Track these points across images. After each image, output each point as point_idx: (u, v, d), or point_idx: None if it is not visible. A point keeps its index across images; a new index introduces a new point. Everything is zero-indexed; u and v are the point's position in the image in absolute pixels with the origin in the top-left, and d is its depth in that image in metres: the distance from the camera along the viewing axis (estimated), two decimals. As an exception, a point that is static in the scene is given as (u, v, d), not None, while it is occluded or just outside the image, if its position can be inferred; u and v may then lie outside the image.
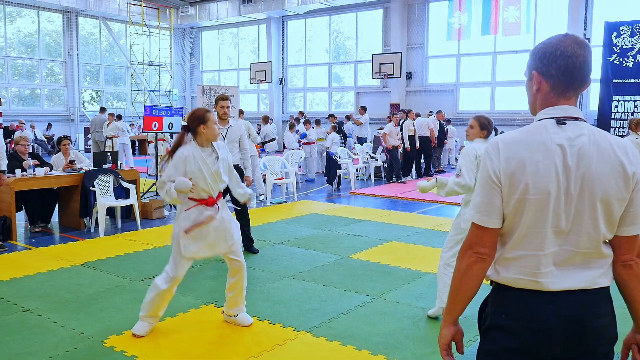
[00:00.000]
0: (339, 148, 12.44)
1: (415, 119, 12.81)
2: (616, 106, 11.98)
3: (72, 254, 5.91)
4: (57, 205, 7.46)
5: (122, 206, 7.35)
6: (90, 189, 6.97)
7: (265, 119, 12.92)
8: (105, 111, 15.39)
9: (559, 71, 1.55)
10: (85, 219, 7.27)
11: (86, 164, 7.58)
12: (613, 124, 11.91)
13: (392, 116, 13.29)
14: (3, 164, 5.87)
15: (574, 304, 1.54)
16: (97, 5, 21.08)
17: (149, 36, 21.64)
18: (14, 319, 4.05)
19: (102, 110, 15.47)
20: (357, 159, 12.98)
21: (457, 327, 1.68)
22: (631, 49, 11.78)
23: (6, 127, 17.22)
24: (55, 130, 20.28)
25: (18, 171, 6.63)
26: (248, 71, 22.96)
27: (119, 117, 14.97)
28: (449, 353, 1.67)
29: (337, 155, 11.46)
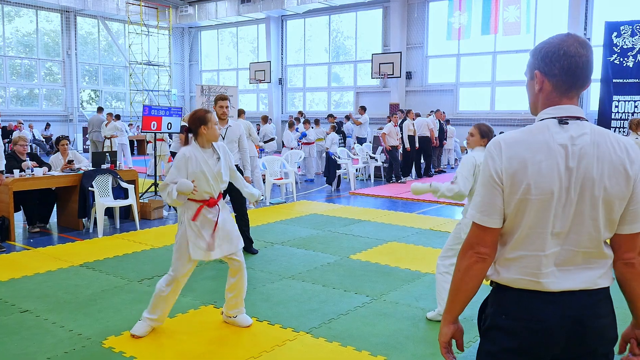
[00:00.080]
0: (339, 148, 12.42)
1: (415, 119, 12.80)
2: (616, 106, 11.96)
3: (70, 254, 5.89)
4: (55, 206, 7.44)
5: (120, 206, 7.33)
6: (89, 189, 6.95)
7: (264, 119, 12.93)
8: (102, 111, 15.34)
9: (562, 71, 1.55)
10: (84, 220, 7.25)
11: (85, 164, 7.56)
12: (613, 124, 11.90)
13: (391, 116, 13.28)
14: (1, 164, 5.85)
15: (576, 304, 1.54)
16: (95, 5, 21.05)
17: (148, 36, 21.61)
18: (12, 319, 4.04)
19: (99, 110, 15.42)
20: (357, 159, 12.96)
21: (457, 325, 1.69)
22: (631, 49, 11.76)
23: (4, 127, 17.20)
24: (54, 130, 20.27)
25: (16, 171, 6.61)
26: (247, 71, 22.95)
27: (118, 117, 14.92)
28: (449, 350, 1.68)
29: (336, 156, 11.44)
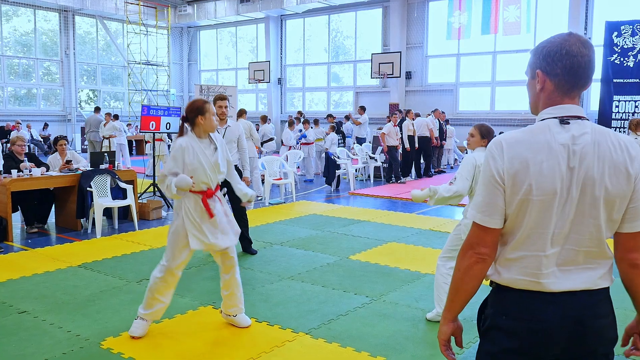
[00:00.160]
0: (338, 148, 12.41)
1: (415, 118, 12.78)
2: (617, 106, 11.94)
3: (68, 255, 5.87)
4: (53, 206, 7.42)
5: (119, 207, 7.31)
6: (87, 189, 6.93)
7: (263, 119, 12.92)
8: (99, 111, 15.32)
9: (564, 70, 1.54)
10: (82, 220, 7.23)
11: (83, 164, 7.54)
12: (614, 124, 11.87)
13: (391, 116, 13.26)
14: (-1, 165, 5.84)
15: (576, 304, 1.54)
16: (94, 4, 21.01)
17: (147, 35, 21.55)
18: (10, 320, 4.02)
19: (96, 109, 15.39)
20: (356, 159, 12.95)
21: (457, 323, 1.69)
22: (632, 49, 11.74)
23: (2, 127, 17.16)
24: (52, 130, 20.23)
25: (14, 171, 6.59)
26: (246, 71, 22.92)
27: (116, 117, 14.89)
28: (448, 348, 1.70)
29: (336, 156, 11.42)
